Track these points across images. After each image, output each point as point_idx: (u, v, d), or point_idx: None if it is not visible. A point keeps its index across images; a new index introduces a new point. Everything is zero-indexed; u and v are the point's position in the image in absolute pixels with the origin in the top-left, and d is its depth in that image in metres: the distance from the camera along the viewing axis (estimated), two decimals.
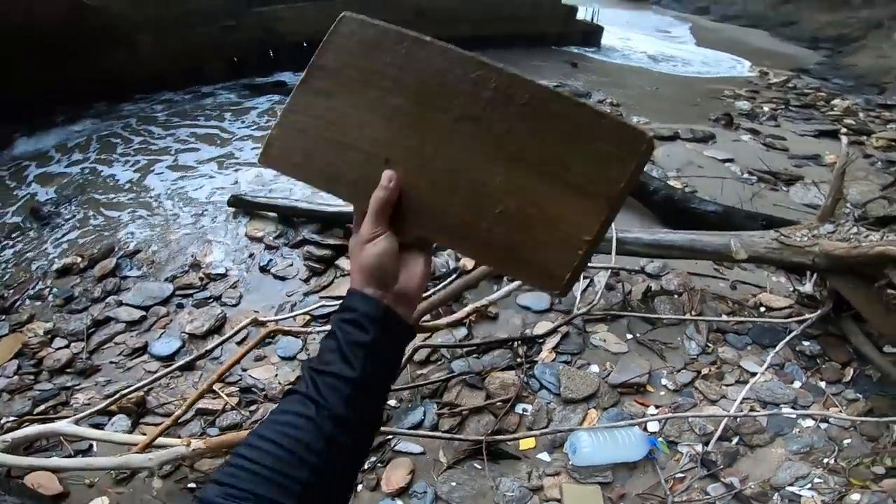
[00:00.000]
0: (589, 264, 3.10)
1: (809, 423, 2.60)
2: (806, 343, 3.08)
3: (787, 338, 2.97)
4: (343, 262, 3.63)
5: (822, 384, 2.84)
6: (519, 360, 2.86)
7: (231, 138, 6.18)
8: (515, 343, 2.97)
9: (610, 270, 3.31)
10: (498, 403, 2.57)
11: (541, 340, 2.99)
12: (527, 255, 0.62)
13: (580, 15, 11.53)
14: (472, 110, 0.64)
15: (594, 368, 2.84)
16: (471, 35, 9.96)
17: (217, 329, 3.17)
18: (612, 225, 3.35)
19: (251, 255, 3.80)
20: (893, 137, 6.68)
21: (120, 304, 3.46)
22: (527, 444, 2.41)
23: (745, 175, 5.36)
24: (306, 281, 3.54)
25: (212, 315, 3.24)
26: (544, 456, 2.39)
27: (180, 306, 3.38)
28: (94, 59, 7.11)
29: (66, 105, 6.81)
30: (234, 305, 3.38)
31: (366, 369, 0.59)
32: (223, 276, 3.61)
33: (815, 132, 6.79)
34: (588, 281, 3.39)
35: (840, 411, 2.66)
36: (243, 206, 4.31)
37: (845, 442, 2.51)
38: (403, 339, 0.66)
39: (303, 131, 0.71)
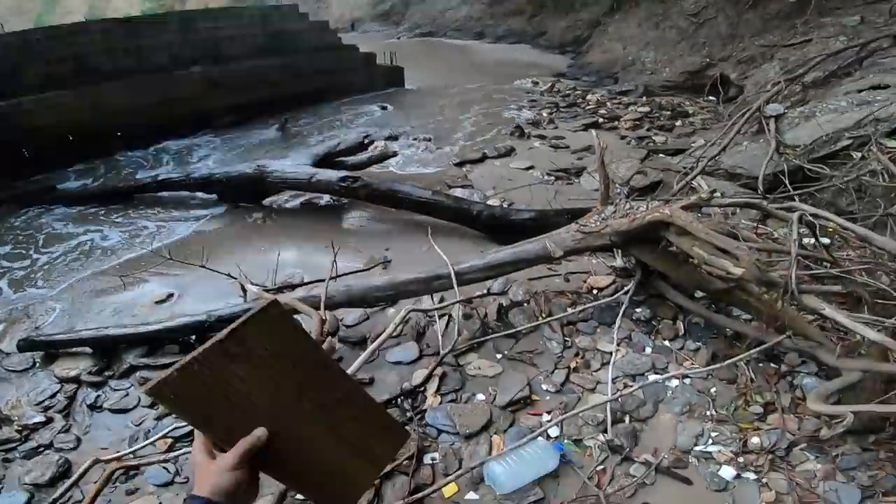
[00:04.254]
0: (441, 304, 3.22)
1: (675, 382, 2.88)
2: (638, 310, 3.44)
3: (621, 311, 3.28)
4: None
5: (666, 343, 3.17)
6: (408, 413, 2.80)
7: None
8: (399, 399, 2.91)
9: (460, 303, 3.36)
10: (404, 462, 2.48)
11: (422, 388, 2.97)
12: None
13: (379, 60, 11.65)
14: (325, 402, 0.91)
15: (480, 397, 2.89)
16: (271, 97, 9.57)
17: (63, 475, 2.67)
18: (448, 260, 3.30)
19: (71, 398, 3.20)
20: (635, 118, 8.16)
21: None
22: (450, 490, 2.34)
23: (545, 177, 6.06)
24: (152, 406, 3.08)
25: (50, 462, 2.71)
26: (472, 496, 2.35)
27: (7, 461, 2.82)
28: None
29: None
30: (74, 448, 2.86)
31: None
32: (45, 423, 3.01)
33: (582, 126, 7.94)
34: (446, 318, 3.45)
35: (692, 363, 3.00)
36: (40, 349, 3.56)
37: (712, 391, 2.81)
38: None
39: (199, 380, 0.80)
